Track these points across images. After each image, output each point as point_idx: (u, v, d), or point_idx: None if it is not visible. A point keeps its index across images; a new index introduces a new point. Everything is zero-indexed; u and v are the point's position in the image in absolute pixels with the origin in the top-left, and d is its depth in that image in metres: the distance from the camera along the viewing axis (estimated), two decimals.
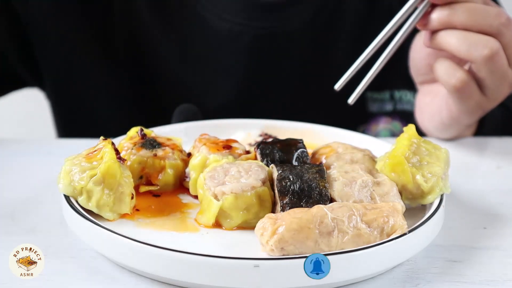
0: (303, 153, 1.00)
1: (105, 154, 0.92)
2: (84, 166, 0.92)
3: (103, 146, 0.94)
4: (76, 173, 0.92)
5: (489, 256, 0.92)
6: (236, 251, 0.87)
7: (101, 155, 0.93)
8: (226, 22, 1.38)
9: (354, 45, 1.37)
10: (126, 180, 0.92)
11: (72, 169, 0.92)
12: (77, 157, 0.94)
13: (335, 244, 0.85)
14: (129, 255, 0.84)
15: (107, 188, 0.91)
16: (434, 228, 0.91)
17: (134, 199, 0.94)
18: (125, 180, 0.92)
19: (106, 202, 0.91)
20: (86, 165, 0.92)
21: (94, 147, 0.95)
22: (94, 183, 0.91)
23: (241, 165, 0.94)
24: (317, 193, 0.91)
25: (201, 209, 0.93)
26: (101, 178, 0.91)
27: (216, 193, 0.91)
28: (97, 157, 0.93)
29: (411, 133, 0.98)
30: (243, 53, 1.40)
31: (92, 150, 0.95)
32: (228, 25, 1.38)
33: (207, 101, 1.41)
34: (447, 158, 0.98)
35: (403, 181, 0.94)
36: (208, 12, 1.38)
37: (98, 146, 0.95)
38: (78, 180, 0.91)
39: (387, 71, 1.17)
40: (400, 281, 0.87)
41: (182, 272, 0.82)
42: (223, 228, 0.92)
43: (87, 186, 0.91)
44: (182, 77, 1.42)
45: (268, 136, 1.16)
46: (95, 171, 0.91)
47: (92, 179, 0.91)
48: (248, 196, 0.91)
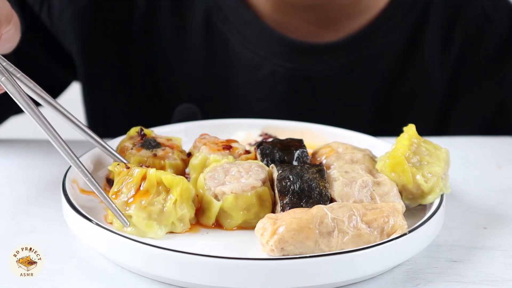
0: (303, 153, 1.00)
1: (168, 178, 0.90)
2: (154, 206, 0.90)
3: (131, 170, 0.91)
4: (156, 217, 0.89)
5: (489, 256, 0.92)
6: (236, 251, 0.87)
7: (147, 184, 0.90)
8: (249, 51, 1.36)
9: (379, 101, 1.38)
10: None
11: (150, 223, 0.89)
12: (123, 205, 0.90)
13: (335, 244, 0.85)
14: (129, 255, 0.84)
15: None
16: (434, 228, 0.91)
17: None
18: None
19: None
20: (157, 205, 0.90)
21: (119, 180, 0.91)
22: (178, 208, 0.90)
23: (241, 165, 0.94)
24: (317, 193, 0.91)
25: (201, 209, 0.93)
26: (181, 199, 0.90)
27: (216, 193, 0.91)
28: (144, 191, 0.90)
29: (411, 133, 0.98)
30: (260, 86, 1.38)
31: (120, 184, 0.91)
32: (251, 55, 1.35)
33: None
34: (447, 158, 0.98)
35: (403, 181, 0.94)
36: (233, 37, 1.36)
37: (121, 176, 0.91)
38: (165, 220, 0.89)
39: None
40: (400, 281, 0.87)
41: (182, 272, 0.82)
42: (224, 228, 0.92)
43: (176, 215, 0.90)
44: (199, 93, 1.40)
45: (268, 136, 1.16)
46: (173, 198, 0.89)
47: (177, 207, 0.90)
48: (248, 196, 0.91)
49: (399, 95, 1.39)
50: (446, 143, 1.06)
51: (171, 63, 1.39)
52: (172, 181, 0.90)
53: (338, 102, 1.39)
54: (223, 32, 1.36)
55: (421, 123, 1.00)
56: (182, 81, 1.40)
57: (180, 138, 1.05)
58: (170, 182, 0.90)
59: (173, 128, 1.15)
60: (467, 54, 1.38)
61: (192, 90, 1.39)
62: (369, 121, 1.38)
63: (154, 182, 0.90)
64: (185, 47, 1.38)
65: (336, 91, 1.38)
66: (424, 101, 1.40)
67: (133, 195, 0.89)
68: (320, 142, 1.11)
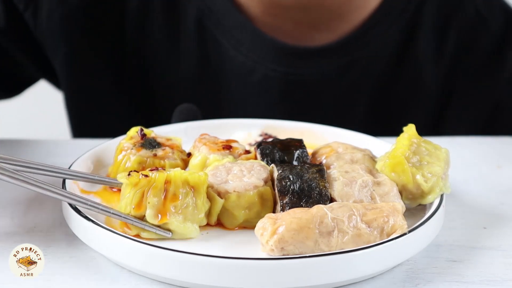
0: (303, 153, 1.00)
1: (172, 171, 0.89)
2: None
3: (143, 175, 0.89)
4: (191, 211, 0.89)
5: (489, 256, 0.92)
6: (236, 251, 0.87)
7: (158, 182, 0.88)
8: (242, 55, 1.35)
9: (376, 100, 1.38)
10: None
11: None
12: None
13: (335, 244, 0.85)
14: (129, 255, 0.84)
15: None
16: (434, 228, 0.91)
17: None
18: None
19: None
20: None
21: (139, 191, 0.88)
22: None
23: (243, 164, 0.95)
24: (317, 193, 0.91)
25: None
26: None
27: (219, 191, 0.91)
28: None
29: (411, 133, 0.98)
30: (254, 90, 1.38)
31: (141, 194, 0.88)
32: (243, 59, 1.35)
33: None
34: (447, 158, 0.98)
35: (403, 181, 0.94)
36: (226, 41, 1.36)
37: (140, 187, 0.89)
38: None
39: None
40: (400, 281, 0.87)
41: (182, 272, 0.82)
42: (225, 226, 0.92)
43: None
44: (193, 95, 1.40)
45: (268, 136, 1.16)
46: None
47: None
48: (251, 195, 0.91)
49: (394, 97, 1.39)
50: (446, 143, 1.06)
51: (163, 66, 1.39)
52: (198, 179, 0.89)
53: (333, 105, 1.38)
54: (215, 35, 1.36)
55: (416, 124, 1.00)
56: (175, 85, 1.39)
57: (180, 138, 1.05)
58: (196, 181, 0.89)
59: (173, 128, 1.15)
60: (461, 54, 1.38)
61: (185, 93, 1.39)
62: (364, 123, 1.38)
63: (180, 183, 0.89)
64: (178, 50, 1.38)
65: (330, 94, 1.37)
66: (419, 102, 1.40)
67: (163, 203, 0.88)
68: (320, 142, 1.11)
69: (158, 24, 1.38)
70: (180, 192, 0.88)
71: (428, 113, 1.40)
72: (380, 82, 1.38)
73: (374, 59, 1.37)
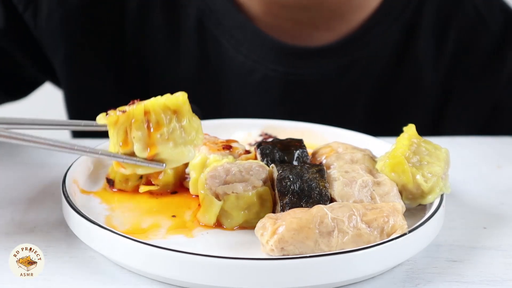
0: (303, 153, 1.00)
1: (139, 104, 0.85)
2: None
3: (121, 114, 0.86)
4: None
5: (489, 256, 0.92)
6: (236, 251, 0.87)
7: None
8: (242, 55, 1.35)
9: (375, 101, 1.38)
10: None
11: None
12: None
13: (335, 244, 0.85)
14: (129, 255, 0.84)
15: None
16: (434, 228, 0.91)
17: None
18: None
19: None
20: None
21: (120, 128, 0.86)
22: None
23: (242, 165, 0.94)
24: (317, 193, 0.91)
25: (202, 209, 0.93)
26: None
27: (217, 193, 0.91)
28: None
29: (411, 133, 0.98)
30: (254, 90, 1.38)
31: (123, 132, 0.85)
32: (243, 59, 1.35)
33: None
34: (447, 158, 0.98)
35: (403, 181, 0.94)
36: (226, 41, 1.36)
37: (120, 124, 0.86)
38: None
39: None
40: (400, 281, 0.87)
41: (182, 272, 0.82)
42: (224, 227, 0.92)
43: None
44: (193, 95, 1.40)
45: (268, 136, 1.16)
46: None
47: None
48: (249, 195, 0.91)
49: (394, 97, 1.39)
50: (446, 143, 1.06)
51: (163, 66, 1.39)
52: (177, 101, 0.86)
53: (332, 105, 1.38)
54: (215, 35, 1.36)
55: (416, 124, 1.00)
56: (175, 85, 1.39)
57: None
58: (176, 103, 0.86)
59: None
60: (460, 54, 1.38)
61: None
62: (364, 123, 1.38)
63: (160, 110, 0.85)
64: (178, 50, 1.38)
65: (330, 94, 1.37)
66: (419, 102, 1.40)
67: (148, 134, 0.85)
68: (320, 142, 1.11)
69: (158, 24, 1.38)
70: (163, 119, 0.85)
71: (428, 113, 1.40)
72: (380, 82, 1.38)
73: (374, 59, 1.37)
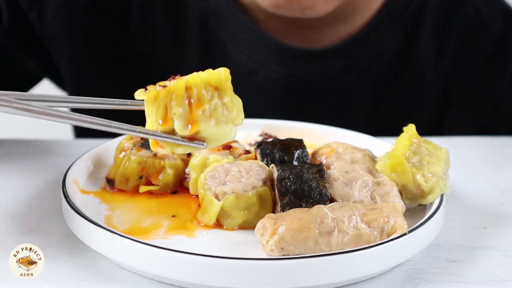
0: (303, 153, 1.00)
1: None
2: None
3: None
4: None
5: (489, 256, 0.92)
6: (236, 251, 0.87)
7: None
8: (244, 56, 1.35)
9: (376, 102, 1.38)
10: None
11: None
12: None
13: (335, 244, 0.85)
14: (129, 255, 0.84)
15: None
16: (434, 228, 0.91)
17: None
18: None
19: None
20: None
21: (160, 105, 0.81)
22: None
23: (242, 165, 0.94)
24: (317, 193, 0.91)
25: (202, 209, 0.93)
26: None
27: (217, 193, 0.91)
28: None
29: (411, 133, 0.98)
30: (256, 91, 1.38)
31: (163, 108, 0.81)
32: (245, 60, 1.35)
33: None
34: (447, 158, 0.98)
35: (403, 181, 0.94)
36: (229, 42, 1.35)
37: (160, 100, 0.81)
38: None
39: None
40: (400, 281, 0.87)
41: (182, 272, 0.82)
42: (224, 228, 0.92)
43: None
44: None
45: (268, 136, 1.16)
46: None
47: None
48: (249, 196, 0.91)
49: (395, 97, 1.39)
50: (446, 143, 1.06)
51: (167, 67, 1.39)
52: (219, 77, 0.82)
53: (334, 106, 1.39)
54: (219, 36, 1.36)
55: (416, 125, 1.00)
56: None
57: None
58: (218, 79, 0.82)
59: None
60: (461, 55, 1.38)
61: None
62: (365, 124, 1.38)
63: (201, 86, 0.82)
64: (181, 50, 1.38)
65: (332, 96, 1.38)
66: (420, 104, 1.40)
67: (190, 111, 0.80)
68: (320, 142, 1.11)
69: (162, 25, 1.38)
70: (204, 95, 0.81)
71: (429, 113, 1.41)
72: (382, 83, 1.39)
73: (375, 61, 1.37)
